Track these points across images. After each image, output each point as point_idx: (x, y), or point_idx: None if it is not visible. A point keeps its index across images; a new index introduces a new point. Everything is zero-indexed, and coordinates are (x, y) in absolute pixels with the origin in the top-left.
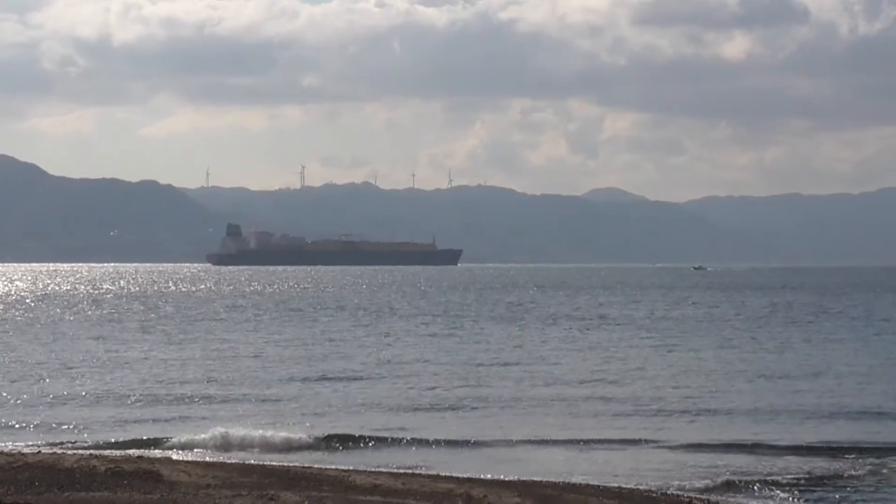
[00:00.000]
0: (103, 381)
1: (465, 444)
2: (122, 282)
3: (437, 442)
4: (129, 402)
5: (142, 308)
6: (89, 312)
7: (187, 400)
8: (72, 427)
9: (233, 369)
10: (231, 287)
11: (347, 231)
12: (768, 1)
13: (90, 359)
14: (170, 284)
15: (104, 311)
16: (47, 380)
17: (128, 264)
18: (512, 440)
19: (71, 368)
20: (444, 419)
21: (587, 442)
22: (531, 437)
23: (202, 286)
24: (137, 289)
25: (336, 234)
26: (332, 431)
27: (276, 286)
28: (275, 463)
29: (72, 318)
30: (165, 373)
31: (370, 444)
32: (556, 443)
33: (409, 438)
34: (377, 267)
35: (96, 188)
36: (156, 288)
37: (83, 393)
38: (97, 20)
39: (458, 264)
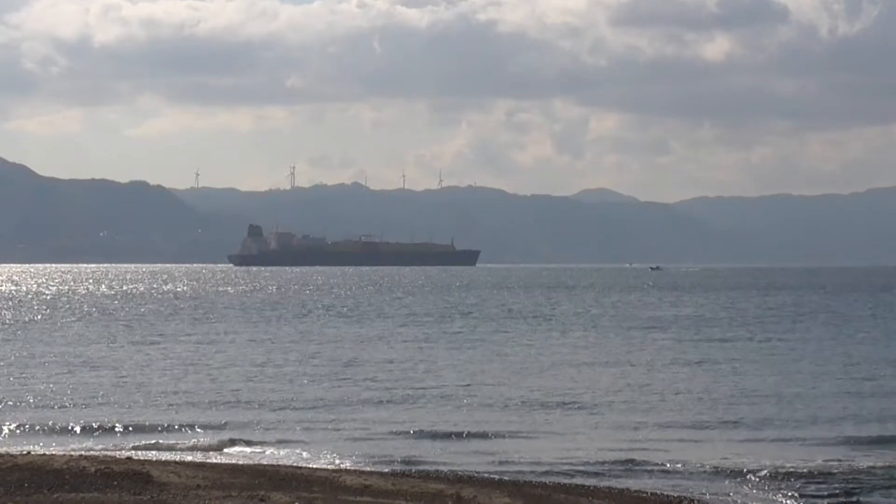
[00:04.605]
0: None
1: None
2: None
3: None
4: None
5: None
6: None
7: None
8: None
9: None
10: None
11: (367, 233)
12: (747, 1)
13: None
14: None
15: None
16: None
17: (124, 265)
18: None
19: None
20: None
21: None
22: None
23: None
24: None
25: (330, 235)
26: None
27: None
28: (265, 463)
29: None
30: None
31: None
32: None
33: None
34: (399, 268)
35: (86, 189)
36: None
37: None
38: (77, 21)
39: (477, 265)
